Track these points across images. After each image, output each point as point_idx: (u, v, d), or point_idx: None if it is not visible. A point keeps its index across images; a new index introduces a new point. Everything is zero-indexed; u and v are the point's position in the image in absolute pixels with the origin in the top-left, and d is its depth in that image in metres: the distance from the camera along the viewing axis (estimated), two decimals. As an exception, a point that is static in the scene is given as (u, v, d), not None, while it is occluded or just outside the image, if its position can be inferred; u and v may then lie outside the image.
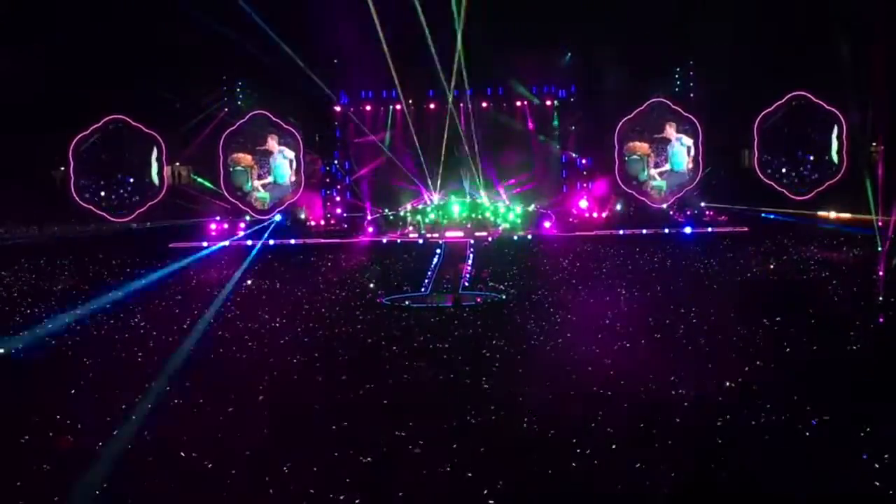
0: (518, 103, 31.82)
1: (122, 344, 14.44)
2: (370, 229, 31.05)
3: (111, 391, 11.36)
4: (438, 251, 26.16)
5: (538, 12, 27.73)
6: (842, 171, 29.93)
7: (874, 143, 28.88)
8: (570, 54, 30.69)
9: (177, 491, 8.25)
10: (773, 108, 30.15)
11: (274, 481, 8.27)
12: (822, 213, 28.54)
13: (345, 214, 32.21)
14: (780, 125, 30.29)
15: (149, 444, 9.39)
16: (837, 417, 9.36)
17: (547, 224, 30.42)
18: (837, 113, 29.89)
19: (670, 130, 30.86)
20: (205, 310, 17.25)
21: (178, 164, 31.26)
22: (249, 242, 28.64)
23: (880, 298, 16.32)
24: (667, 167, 30.96)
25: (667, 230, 29.29)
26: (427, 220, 30.72)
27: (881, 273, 18.90)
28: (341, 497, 7.94)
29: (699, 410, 9.83)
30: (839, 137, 30.02)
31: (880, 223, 24.04)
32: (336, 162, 32.41)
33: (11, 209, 28.05)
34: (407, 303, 18.18)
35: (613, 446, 8.82)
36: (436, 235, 29.81)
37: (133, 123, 30.07)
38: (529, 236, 29.24)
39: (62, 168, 30.20)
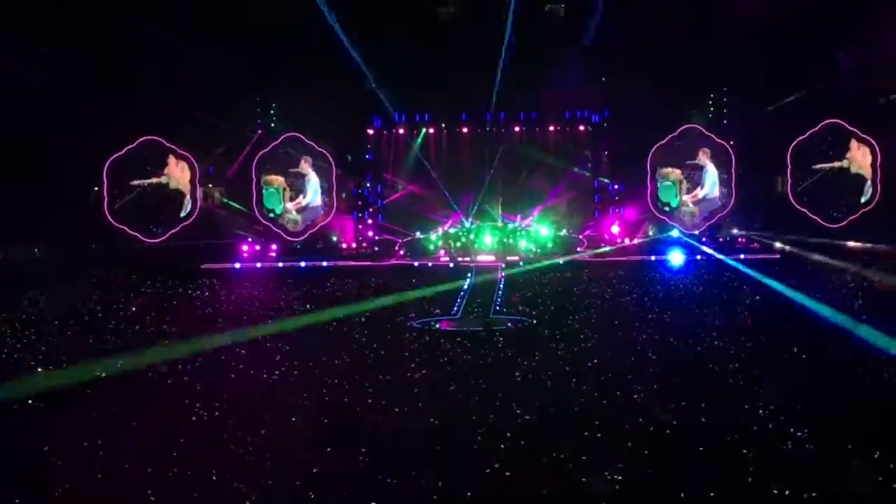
0: (551, 128, 31.82)
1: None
2: (401, 252, 31.14)
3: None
4: (469, 275, 26.15)
5: (571, 36, 27.86)
6: (876, 199, 29.76)
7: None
8: (603, 79, 30.63)
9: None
10: (807, 135, 30.01)
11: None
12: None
13: (376, 237, 32.23)
14: (814, 152, 30.18)
15: (177, 463, 9.40)
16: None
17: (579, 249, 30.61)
18: (872, 141, 29.73)
19: (703, 157, 30.77)
20: (233, 329, 17.33)
21: (210, 185, 31.43)
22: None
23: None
24: (699, 193, 30.87)
25: (698, 256, 29.14)
26: (458, 244, 30.73)
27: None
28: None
29: (732, 436, 9.75)
30: (873, 165, 29.86)
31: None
32: (368, 185, 32.49)
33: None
34: (437, 326, 18.16)
35: (649, 470, 8.76)
36: (467, 259, 29.83)
37: (167, 144, 30.25)
38: (561, 261, 29.17)
39: (96, 188, 30.37)
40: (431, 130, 32.01)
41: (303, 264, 29.35)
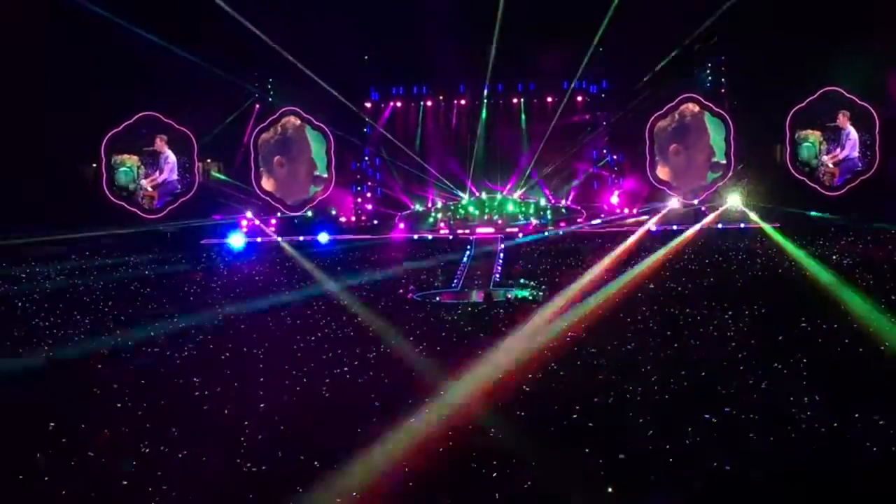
0: (549, 98, 31.71)
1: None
2: (401, 226, 31.10)
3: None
4: (469, 248, 26.14)
5: (571, 6, 27.69)
6: (874, 168, 29.70)
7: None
8: (602, 49, 30.47)
9: (207, 485, 8.28)
10: (805, 103, 29.92)
11: (300, 474, 8.27)
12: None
13: (375, 211, 32.17)
14: (813, 120, 30.07)
15: (178, 434, 9.49)
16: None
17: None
18: (871, 108, 29.63)
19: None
20: (232, 303, 17.41)
21: (209, 160, 31.34)
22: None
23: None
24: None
25: (698, 226, 29.09)
26: (458, 217, 30.72)
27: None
28: (367, 490, 7.95)
29: (734, 403, 9.79)
30: (872, 133, 29.77)
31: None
32: (367, 158, 32.38)
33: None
34: (438, 299, 18.17)
35: (647, 439, 8.80)
36: (466, 232, 29.82)
37: (165, 120, 30.14)
38: (561, 232, 29.19)
39: (94, 165, 30.29)
40: (429, 103, 31.91)
41: (301, 238, 29.27)
